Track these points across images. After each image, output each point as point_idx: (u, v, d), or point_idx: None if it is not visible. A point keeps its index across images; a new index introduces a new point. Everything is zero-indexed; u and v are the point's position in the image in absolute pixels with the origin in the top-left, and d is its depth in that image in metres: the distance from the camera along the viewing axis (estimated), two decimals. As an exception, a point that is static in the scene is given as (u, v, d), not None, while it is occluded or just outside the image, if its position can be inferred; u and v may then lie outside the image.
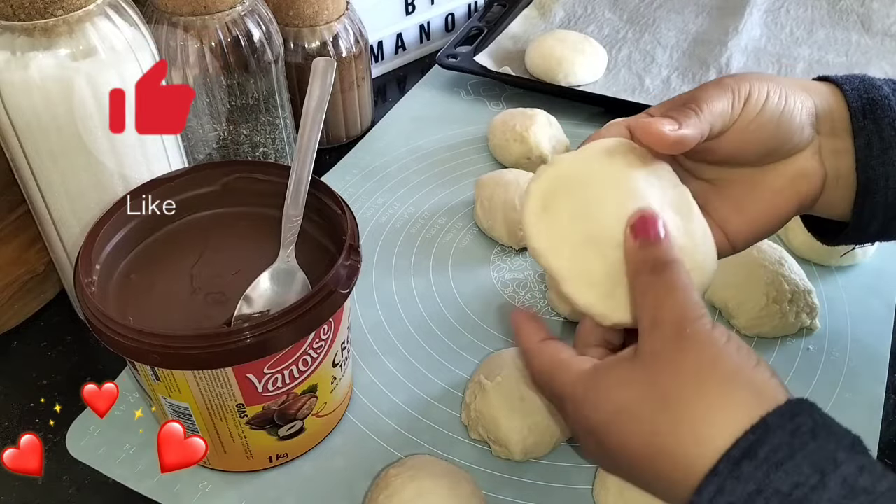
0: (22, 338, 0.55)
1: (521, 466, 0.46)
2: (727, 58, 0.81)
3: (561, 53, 0.77)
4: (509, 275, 0.60)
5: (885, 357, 0.53)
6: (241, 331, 0.37)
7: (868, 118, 0.38)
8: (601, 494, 0.44)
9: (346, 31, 0.69)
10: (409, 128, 0.76)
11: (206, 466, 0.46)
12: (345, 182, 0.69)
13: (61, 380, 0.52)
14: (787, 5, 0.90)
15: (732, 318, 0.55)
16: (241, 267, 0.44)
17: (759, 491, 0.28)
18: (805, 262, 0.59)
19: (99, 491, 0.46)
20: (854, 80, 0.40)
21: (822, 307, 0.55)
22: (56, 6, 0.42)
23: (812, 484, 0.28)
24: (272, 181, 0.47)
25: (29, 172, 0.47)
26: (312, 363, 0.42)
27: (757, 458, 0.29)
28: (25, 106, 0.43)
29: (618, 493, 0.42)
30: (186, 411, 0.42)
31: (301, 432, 0.45)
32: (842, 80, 0.40)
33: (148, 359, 0.38)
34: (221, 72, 0.57)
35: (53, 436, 0.48)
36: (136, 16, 0.46)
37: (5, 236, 0.53)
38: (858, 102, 0.39)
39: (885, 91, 0.39)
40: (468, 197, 0.67)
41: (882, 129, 0.38)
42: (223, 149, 0.62)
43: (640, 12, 0.91)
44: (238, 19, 0.57)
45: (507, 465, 0.46)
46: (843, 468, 0.28)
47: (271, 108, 0.61)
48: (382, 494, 0.42)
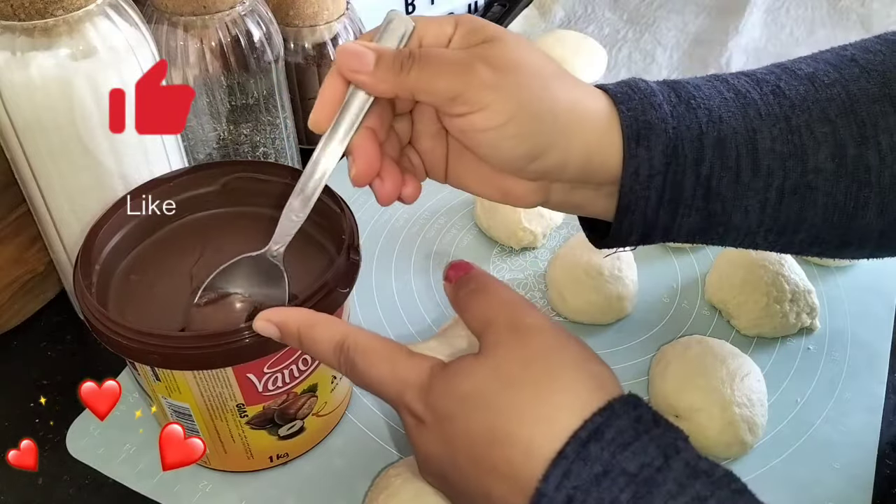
0: (22, 338, 0.55)
1: (521, 466, 0.46)
2: (727, 58, 0.81)
3: (561, 53, 0.77)
4: (509, 275, 0.60)
5: (885, 357, 0.53)
6: (241, 331, 0.37)
7: (642, 145, 0.36)
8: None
9: (346, 31, 0.69)
10: (409, 128, 0.76)
11: (206, 466, 0.46)
12: (345, 182, 0.68)
13: (61, 380, 0.52)
14: (787, 5, 0.90)
15: (732, 318, 0.55)
16: (241, 267, 0.44)
17: (605, 472, 0.28)
18: (805, 262, 0.59)
19: (99, 491, 0.46)
20: (633, 99, 0.36)
21: (822, 307, 0.55)
22: (56, 6, 0.42)
23: (657, 465, 0.28)
24: (272, 181, 0.47)
25: (29, 172, 0.47)
26: (312, 362, 0.42)
27: (604, 439, 0.29)
28: (25, 106, 0.43)
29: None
30: (186, 411, 0.42)
31: (301, 432, 0.45)
32: (619, 98, 0.36)
33: (148, 359, 0.38)
34: (221, 72, 0.57)
35: (53, 436, 0.48)
36: (136, 16, 0.46)
37: (5, 236, 0.53)
38: (633, 126, 0.36)
39: (663, 110, 0.36)
40: (468, 197, 0.66)
41: (652, 158, 0.36)
42: (223, 149, 0.62)
43: (640, 12, 0.91)
44: (238, 19, 0.57)
45: (507, 465, 0.46)
46: (684, 454, 0.29)
47: (271, 108, 0.61)
48: (382, 494, 0.42)
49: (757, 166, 0.36)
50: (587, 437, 0.29)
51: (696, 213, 0.37)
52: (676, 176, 0.36)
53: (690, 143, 0.36)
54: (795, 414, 0.49)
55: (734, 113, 0.37)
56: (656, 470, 0.28)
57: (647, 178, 0.36)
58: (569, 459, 0.29)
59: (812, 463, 0.47)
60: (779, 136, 0.37)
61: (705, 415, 0.46)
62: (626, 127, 0.36)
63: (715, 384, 0.47)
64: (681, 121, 0.36)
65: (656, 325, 0.56)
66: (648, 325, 0.56)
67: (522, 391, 0.31)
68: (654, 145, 0.36)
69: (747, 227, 0.38)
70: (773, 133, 0.37)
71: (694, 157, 0.36)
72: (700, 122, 0.36)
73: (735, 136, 0.36)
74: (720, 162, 0.36)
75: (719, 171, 0.36)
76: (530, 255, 0.62)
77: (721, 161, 0.36)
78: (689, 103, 0.37)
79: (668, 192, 0.37)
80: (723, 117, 0.37)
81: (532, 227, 0.60)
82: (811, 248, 0.40)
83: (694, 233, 0.39)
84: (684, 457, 0.29)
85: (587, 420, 0.29)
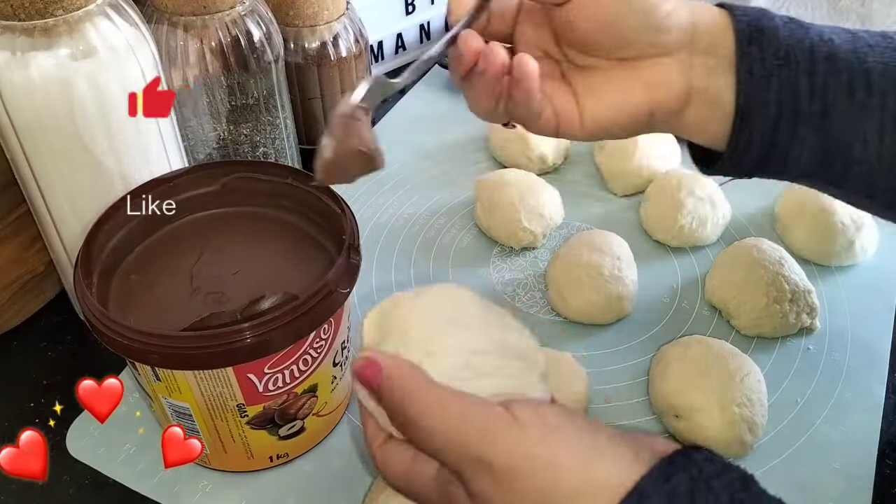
0: (22, 338, 0.55)
1: (521, 466, 0.46)
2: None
3: (561, 53, 0.77)
4: (509, 275, 0.60)
5: (885, 357, 0.53)
6: (242, 331, 0.37)
7: (754, 44, 0.38)
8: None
9: (346, 31, 0.69)
10: (409, 128, 0.76)
11: (206, 466, 0.46)
12: (345, 182, 0.69)
13: (61, 380, 0.52)
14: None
15: (732, 318, 0.55)
16: (240, 267, 0.44)
17: None
18: (805, 262, 0.59)
19: (99, 491, 0.46)
20: (749, 10, 0.39)
21: (822, 307, 0.55)
22: (56, 6, 0.42)
23: None
24: (272, 181, 0.47)
25: (29, 172, 0.47)
26: (313, 363, 0.42)
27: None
28: (25, 106, 0.43)
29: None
30: (187, 411, 0.42)
31: (301, 432, 0.45)
32: (735, 8, 0.39)
33: (148, 359, 0.38)
34: (221, 72, 0.57)
35: (53, 436, 0.48)
36: (136, 16, 0.46)
37: (5, 236, 0.53)
38: (746, 29, 0.38)
39: (776, 22, 0.38)
40: (468, 197, 0.66)
41: (765, 58, 0.37)
42: (223, 149, 0.62)
43: (640, 12, 0.91)
44: (238, 19, 0.57)
45: (507, 465, 0.46)
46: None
47: (271, 108, 0.61)
48: (382, 494, 0.42)
49: (870, 86, 0.37)
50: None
51: (814, 136, 0.38)
52: (790, 81, 0.37)
53: (802, 54, 0.37)
54: (795, 414, 0.49)
55: (844, 39, 0.38)
56: None
57: (762, 79, 0.37)
58: None
59: (812, 463, 0.47)
60: (890, 61, 0.37)
61: (705, 415, 0.46)
62: (738, 31, 0.38)
63: (715, 384, 0.47)
64: (792, 33, 0.38)
65: (656, 325, 0.56)
66: (648, 325, 0.56)
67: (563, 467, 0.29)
68: (766, 46, 0.37)
69: (868, 163, 0.38)
70: (883, 58, 0.37)
71: (807, 67, 0.37)
72: (811, 38, 0.38)
73: (846, 56, 0.37)
74: (833, 77, 0.37)
75: (834, 84, 0.37)
76: (530, 255, 0.62)
77: (834, 76, 0.37)
78: (800, 23, 0.39)
79: (784, 98, 0.37)
80: (833, 40, 0.38)
81: (532, 227, 0.60)
82: None
83: (813, 166, 0.39)
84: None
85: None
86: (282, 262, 0.45)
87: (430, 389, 0.31)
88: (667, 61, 0.39)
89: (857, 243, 0.58)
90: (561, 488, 0.29)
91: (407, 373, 0.31)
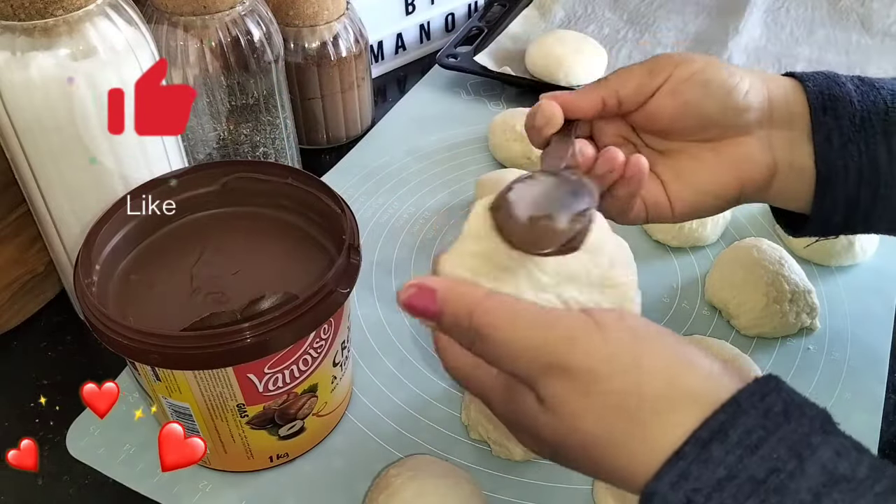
0: (22, 338, 0.55)
1: (520, 466, 0.46)
2: (727, 58, 0.81)
3: (561, 53, 0.77)
4: (509, 275, 0.60)
5: (885, 357, 0.53)
6: (242, 331, 0.37)
7: (829, 114, 0.39)
8: (601, 494, 0.44)
9: (346, 30, 0.69)
10: (409, 128, 0.76)
11: (206, 466, 0.46)
12: (345, 182, 0.69)
13: (61, 380, 0.52)
14: (787, 5, 0.90)
15: (732, 318, 0.55)
16: (241, 267, 0.44)
17: (730, 477, 0.25)
18: (805, 262, 0.59)
19: (99, 491, 0.46)
20: (818, 77, 0.40)
21: (822, 307, 0.55)
22: (56, 6, 0.42)
23: (789, 470, 0.25)
24: (272, 181, 0.47)
25: (29, 172, 0.47)
26: (313, 363, 0.42)
27: (729, 441, 0.26)
28: (25, 106, 0.43)
29: (619, 492, 0.42)
30: (187, 411, 0.42)
31: (301, 432, 0.45)
32: (805, 77, 0.41)
33: (148, 359, 0.38)
34: (221, 72, 0.57)
35: (53, 436, 0.48)
36: (136, 16, 0.46)
37: (5, 236, 0.53)
38: (819, 99, 0.39)
39: (847, 88, 0.40)
40: (468, 197, 0.66)
41: (842, 126, 0.39)
42: (223, 149, 0.62)
43: (640, 12, 0.91)
44: (238, 19, 0.57)
45: (507, 465, 0.46)
46: (820, 452, 0.26)
47: (271, 108, 0.61)
48: (382, 494, 0.42)
49: None
50: (709, 436, 0.26)
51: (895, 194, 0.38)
52: (868, 146, 0.38)
53: (877, 116, 0.38)
54: (795, 414, 0.49)
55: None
56: (788, 475, 0.25)
57: (841, 148, 0.38)
58: (687, 459, 0.26)
59: (812, 463, 0.47)
60: None
61: (705, 415, 0.46)
62: (811, 101, 0.39)
63: (715, 384, 0.47)
64: (864, 96, 0.39)
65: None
66: (648, 325, 0.56)
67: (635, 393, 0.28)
68: (841, 114, 0.38)
69: None
70: None
71: (882, 128, 0.38)
72: (885, 98, 0.39)
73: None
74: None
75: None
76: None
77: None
78: (872, 84, 0.39)
79: (864, 162, 0.38)
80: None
81: (532, 227, 0.60)
82: None
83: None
84: (821, 457, 0.26)
85: (708, 418, 0.27)
86: (282, 262, 0.45)
87: (495, 299, 0.29)
88: (749, 139, 0.40)
89: (857, 243, 0.58)
90: (644, 392, 0.28)
91: (465, 288, 0.30)
